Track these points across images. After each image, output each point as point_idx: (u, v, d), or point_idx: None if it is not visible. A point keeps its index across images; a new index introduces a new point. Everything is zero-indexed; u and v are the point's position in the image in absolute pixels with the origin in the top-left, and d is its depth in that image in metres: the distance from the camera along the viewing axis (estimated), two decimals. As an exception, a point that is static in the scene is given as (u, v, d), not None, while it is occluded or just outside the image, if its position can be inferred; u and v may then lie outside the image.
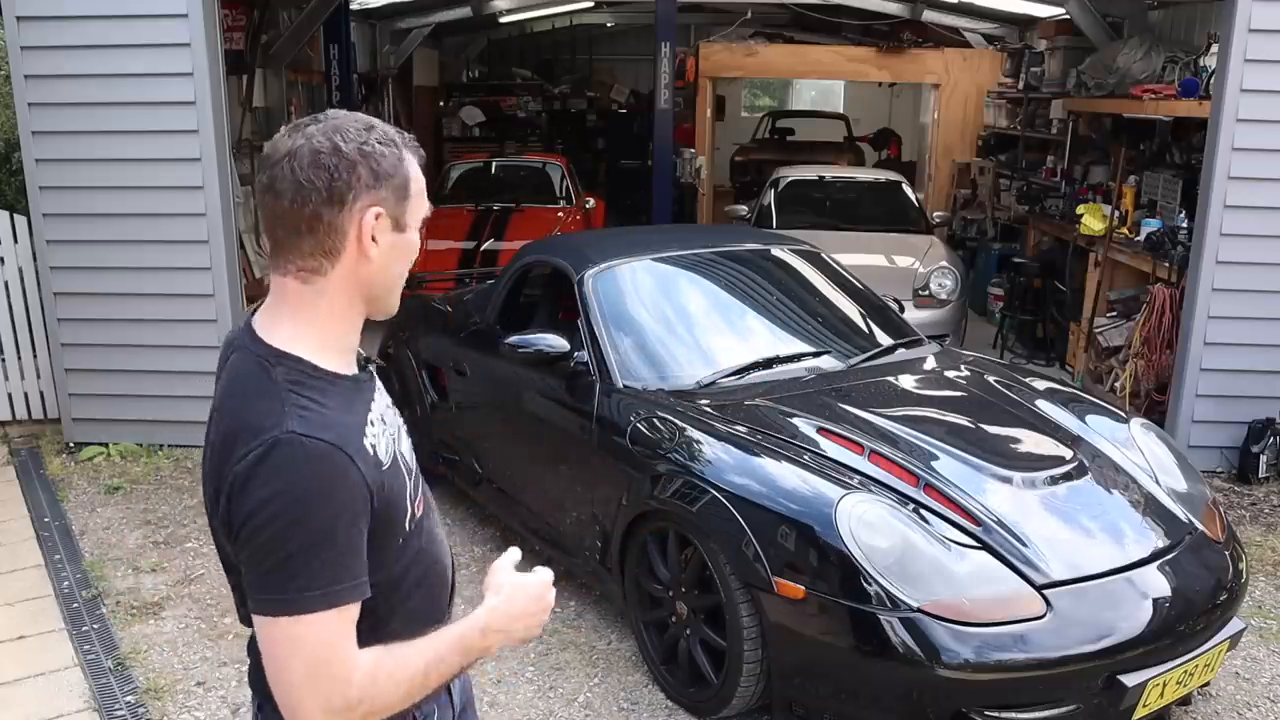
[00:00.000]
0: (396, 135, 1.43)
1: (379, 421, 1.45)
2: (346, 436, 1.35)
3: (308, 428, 1.32)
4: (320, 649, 1.32)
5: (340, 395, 1.41)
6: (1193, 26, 7.43)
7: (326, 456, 1.32)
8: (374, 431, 1.42)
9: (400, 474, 1.46)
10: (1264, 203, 5.18)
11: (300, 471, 1.30)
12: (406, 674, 1.38)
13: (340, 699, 1.32)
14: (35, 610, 4.01)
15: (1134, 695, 2.85)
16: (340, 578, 1.32)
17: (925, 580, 2.87)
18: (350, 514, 1.33)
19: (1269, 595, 4.22)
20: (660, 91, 7.86)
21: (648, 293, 4.28)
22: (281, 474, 1.30)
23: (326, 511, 1.31)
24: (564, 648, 3.78)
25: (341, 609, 1.32)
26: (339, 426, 1.35)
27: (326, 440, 1.32)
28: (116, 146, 5.33)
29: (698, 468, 3.30)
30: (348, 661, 1.33)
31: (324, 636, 1.32)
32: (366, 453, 1.37)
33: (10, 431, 5.99)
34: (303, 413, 1.34)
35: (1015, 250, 9.00)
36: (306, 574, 1.30)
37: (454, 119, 14.25)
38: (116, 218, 5.41)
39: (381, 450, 1.41)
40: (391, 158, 1.40)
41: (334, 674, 1.32)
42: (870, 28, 12.21)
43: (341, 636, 1.33)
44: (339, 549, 1.32)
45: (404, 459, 1.49)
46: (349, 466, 1.33)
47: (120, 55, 5.22)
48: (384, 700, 1.36)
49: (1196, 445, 5.36)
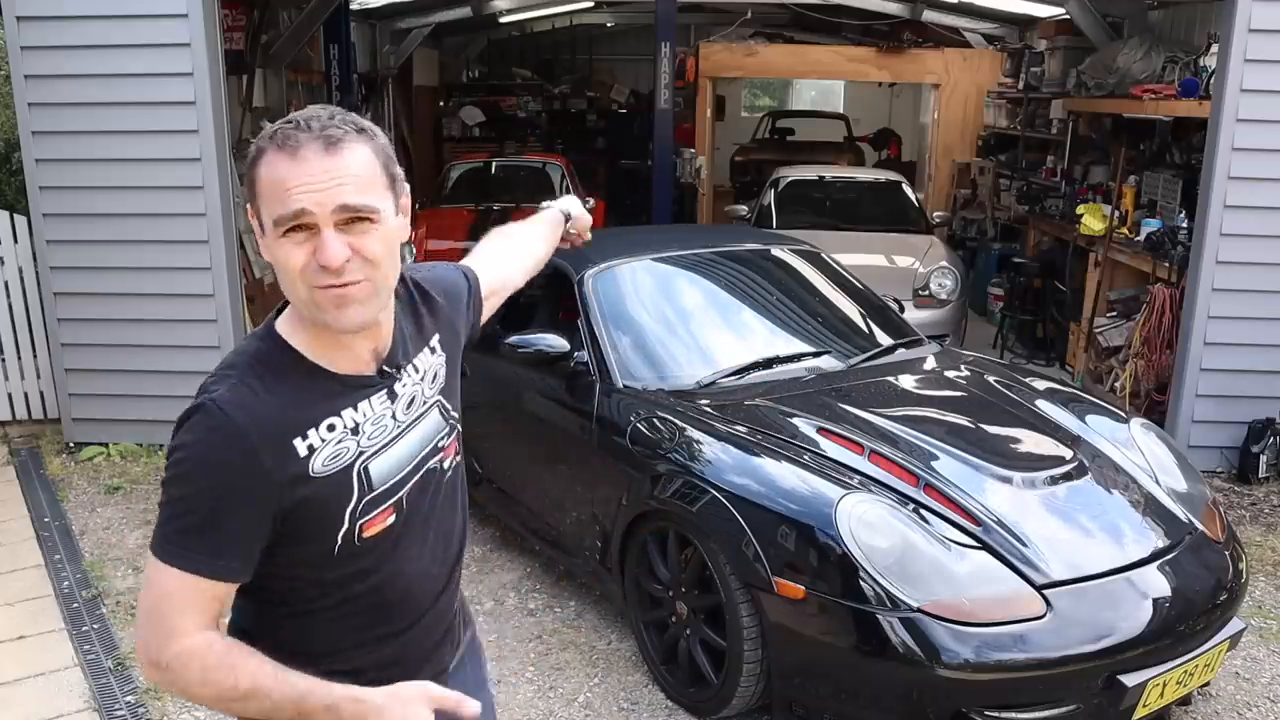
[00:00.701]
0: (275, 130, 1.34)
1: (346, 430, 1.41)
2: (265, 425, 1.35)
3: (229, 402, 1.34)
4: (159, 599, 1.36)
5: (302, 388, 1.39)
6: (1193, 26, 7.43)
7: (227, 434, 1.33)
8: (323, 436, 1.38)
9: (342, 487, 1.40)
10: (1264, 203, 5.18)
11: (199, 437, 1.34)
12: (225, 682, 1.34)
13: (155, 652, 1.35)
14: (35, 610, 4.01)
15: (1134, 695, 2.85)
16: (194, 547, 1.34)
17: (925, 580, 2.87)
18: (230, 497, 1.33)
19: (1269, 595, 4.22)
20: (660, 91, 7.86)
21: (648, 293, 4.28)
22: (189, 432, 1.35)
23: (203, 483, 1.33)
24: (564, 648, 3.78)
25: (186, 575, 1.34)
26: (263, 413, 1.35)
27: (236, 420, 1.33)
28: (116, 146, 5.32)
29: (698, 468, 3.30)
30: (176, 625, 1.35)
31: (164, 589, 1.35)
32: (287, 449, 1.35)
33: (10, 431, 5.99)
34: (238, 387, 1.36)
35: (1015, 250, 9.00)
36: (170, 526, 1.35)
37: (454, 119, 14.25)
38: (116, 218, 5.41)
39: (321, 456, 1.38)
40: (251, 158, 1.35)
41: (158, 627, 1.35)
42: (870, 28, 12.20)
43: (180, 599, 1.35)
44: (202, 521, 1.33)
45: (363, 476, 1.42)
46: (248, 453, 1.33)
47: (120, 55, 5.22)
48: (186, 685, 1.37)
49: (1196, 445, 5.36)
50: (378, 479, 1.45)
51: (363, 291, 1.35)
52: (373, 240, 1.35)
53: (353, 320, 1.36)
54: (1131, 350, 6.21)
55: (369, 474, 1.43)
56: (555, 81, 15.55)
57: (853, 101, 17.25)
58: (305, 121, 1.33)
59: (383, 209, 1.37)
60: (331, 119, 1.34)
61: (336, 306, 1.34)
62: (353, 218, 1.33)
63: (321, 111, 1.35)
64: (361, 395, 1.44)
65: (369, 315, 1.39)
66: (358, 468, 1.42)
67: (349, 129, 1.34)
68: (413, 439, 1.51)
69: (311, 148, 1.31)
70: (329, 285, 1.33)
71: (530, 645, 3.78)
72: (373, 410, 1.45)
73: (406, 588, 1.51)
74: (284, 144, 1.31)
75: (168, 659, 1.35)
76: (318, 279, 1.33)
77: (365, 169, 1.35)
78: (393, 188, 1.40)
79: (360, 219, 1.34)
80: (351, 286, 1.34)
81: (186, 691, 1.38)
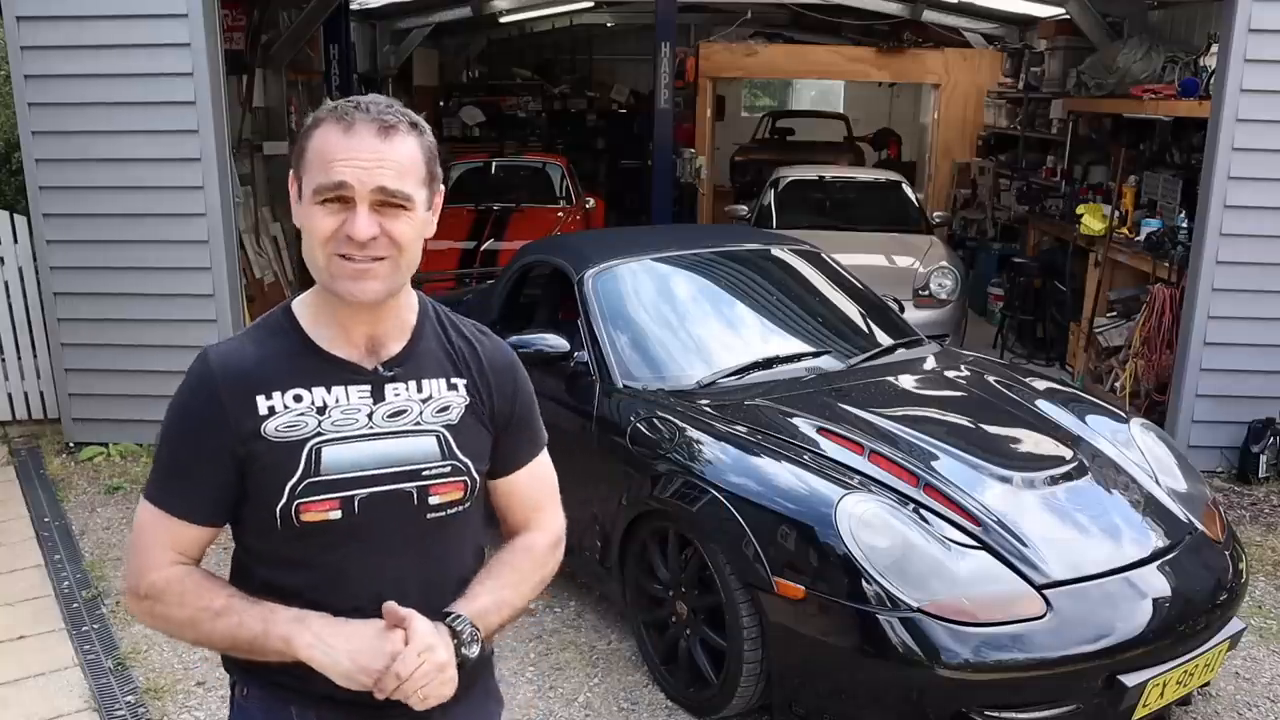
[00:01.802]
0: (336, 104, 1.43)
1: (311, 406, 1.43)
2: (235, 374, 1.43)
3: (217, 352, 1.47)
4: (140, 532, 1.48)
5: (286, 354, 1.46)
6: (1193, 26, 7.42)
7: (201, 379, 1.44)
8: (286, 403, 1.43)
9: (290, 459, 1.42)
10: (1264, 203, 5.18)
11: (183, 384, 1.47)
12: (201, 601, 1.43)
13: (135, 582, 1.46)
14: (35, 610, 4.01)
15: (1134, 695, 2.85)
16: (166, 486, 1.47)
17: (925, 580, 2.87)
18: (195, 438, 1.44)
19: (1269, 595, 4.22)
20: (660, 91, 7.85)
21: (648, 293, 4.28)
22: (184, 378, 1.48)
23: (177, 426, 1.46)
24: (564, 648, 3.78)
25: (158, 511, 1.46)
26: (239, 365, 1.44)
27: (212, 368, 1.44)
28: (116, 146, 5.32)
29: (698, 468, 3.30)
30: (152, 557, 1.45)
31: (143, 522, 1.47)
32: (250, 402, 1.42)
33: (10, 431, 5.99)
34: (232, 342, 1.50)
35: (1015, 250, 9.00)
36: (154, 465, 1.49)
37: (454, 119, 14.24)
38: (116, 218, 5.41)
39: (277, 421, 1.43)
40: (307, 126, 1.43)
41: (137, 559, 1.47)
42: (870, 28, 12.19)
43: (153, 533, 1.46)
44: (173, 461, 1.46)
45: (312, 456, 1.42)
46: (213, 398, 1.43)
47: (120, 55, 5.22)
48: (166, 610, 1.45)
49: (1196, 445, 5.36)
50: (327, 466, 1.44)
51: (384, 269, 1.42)
52: (402, 224, 1.42)
53: (368, 293, 1.42)
54: (1131, 350, 6.21)
55: (319, 456, 1.43)
56: (555, 81, 15.54)
57: (853, 101, 17.23)
58: (365, 104, 1.41)
59: (417, 199, 1.43)
60: (390, 108, 1.43)
61: (354, 279, 1.40)
62: (387, 201, 1.40)
63: (381, 99, 1.44)
64: (341, 379, 1.46)
65: (383, 291, 1.43)
66: (310, 445, 1.43)
67: (404, 120, 1.43)
68: (386, 449, 1.47)
69: (366, 128, 1.38)
70: (348, 255, 1.39)
71: (530, 645, 3.78)
72: (347, 399, 1.46)
73: (351, 605, 1.43)
74: (341, 119, 1.39)
75: (144, 588, 1.45)
76: (340, 248, 1.39)
77: (409, 159, 1.42)
78: (430, 184, 1.47)
79: (394, 204, 1.40)
80: (375, 263, 1.40)
81: (165, 616, 1.45)
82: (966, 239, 10.30)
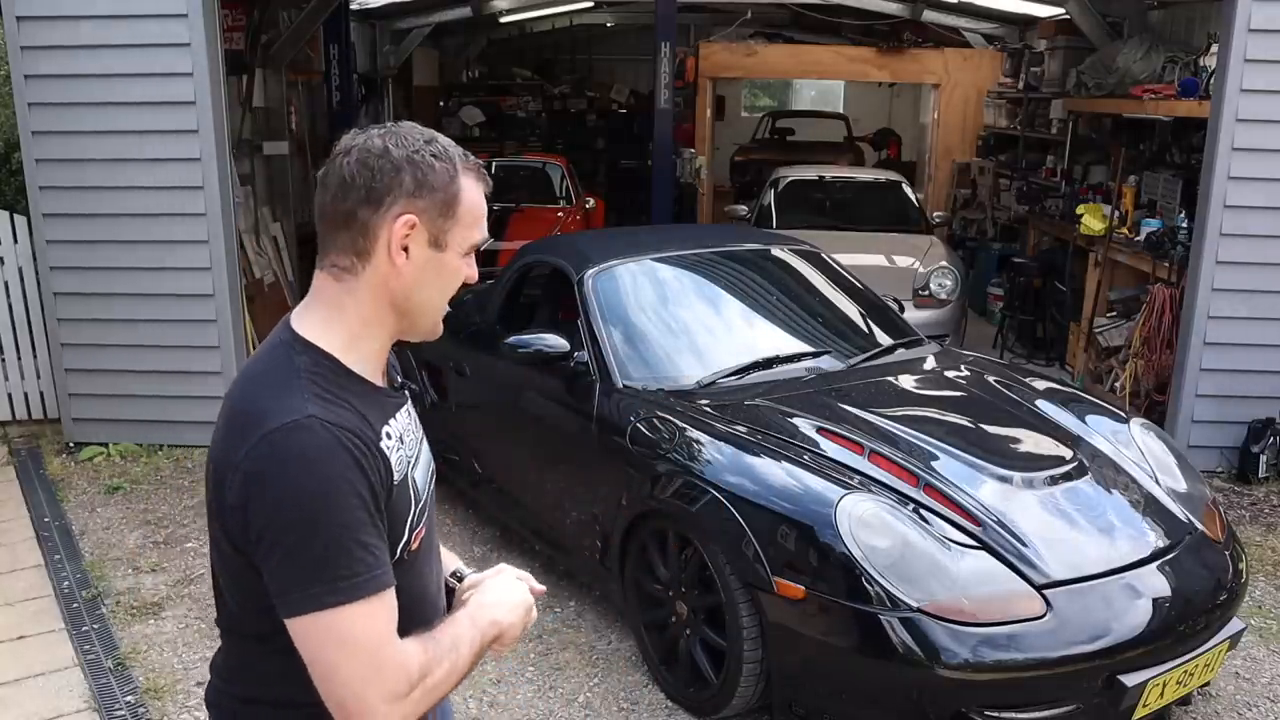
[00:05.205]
0: (458, 154, 1.41)
1: (397, 438, 1.40)
2: (365, 430, 1.33)
3: (328, 414, 1.29)
4: (373, 637, 1.27)
5: (360, 396, 1.37)
6: (1193, 26, 7.42)
7: (348, 443, 1.28)
8: (390, 445, 1.37)
9: (407, 495, 1.40)
10: (1264, 203, 5.18)
11: (324, 457, 1.26)
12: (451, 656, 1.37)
13: (405, 683, 1.28)
14: (35, 610, 4.01)
15: (1134, 695, 2.85)
16: (380, 561, 1.29)
17: (925, 580, 2.87)
18: (373, 502, 1.30)
19: (1269, 595, 4.22)
20: (660, 91, 7.85)
21: (648, 293, 4.28)
22: (305, 458, 1.25)
23: (352, 500, 1.27)
24: (564, 648, 3.78)
25: (383, 594, 1.29)
26: (340, 419, 1.31)
27: (347, 428, 1.29)
28: (116, 146, 5.33)
29: (698, 468, 3.30)
30: (396, 647, 1.30)
31: (374, 624, 1.28)
32: (375, 449, 1.33)
33: (10, 431, 5.99)
34: (324, 399, 1.30)
35: (1015, 250, 9.01)
36: (346, 561, 1.25)
37: (454, 119, 14.24)
38: (116, 218, 5.41)
39: (394, 462, 1.37)
40: (442, 172, 1.38)
41: (393, 659, 1.28)
42: (870, 28, 12.19)
43: (389, 622, 1.30)
44: (369, 534, 1.28)
45: (413, 483, 1.43)
46: (371, 457, 1.31)
47: (120, 55, 5.22)
48: (435, 681, 1.33)
49: (1196, 445, 5.36)
50: (420, 488, 1.45)
51: None
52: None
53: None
54: (1131, 350, 6.21)
55: (415, 482, 1.44)
56: (555, 81, 15.55)
57: (853, 101, 17.25)
58: (465, 153, 1.43)
59: None
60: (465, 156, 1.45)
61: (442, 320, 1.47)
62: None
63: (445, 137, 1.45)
64: (395, 406, 1.45)
65: None
66: (408, 475, 1.42)
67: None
68: (426, 459, 1.53)
69: (486, 184, 1.45)
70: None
71: (530, 645, 3.78)
72: (404, 421, 1.46)
73: (424, 615, 1.45)
74: (478, 174, 1.43)
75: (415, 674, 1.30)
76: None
77: None
78: None
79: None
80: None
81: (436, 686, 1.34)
82: (966, 239, 10.30)
